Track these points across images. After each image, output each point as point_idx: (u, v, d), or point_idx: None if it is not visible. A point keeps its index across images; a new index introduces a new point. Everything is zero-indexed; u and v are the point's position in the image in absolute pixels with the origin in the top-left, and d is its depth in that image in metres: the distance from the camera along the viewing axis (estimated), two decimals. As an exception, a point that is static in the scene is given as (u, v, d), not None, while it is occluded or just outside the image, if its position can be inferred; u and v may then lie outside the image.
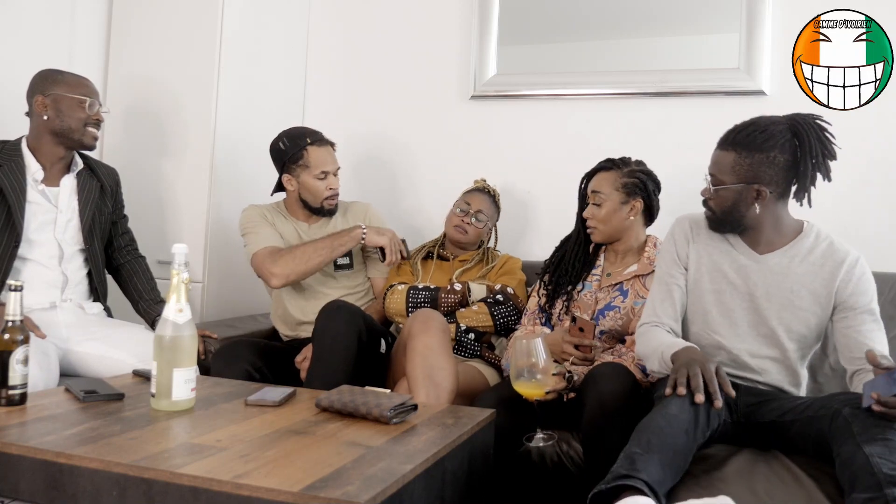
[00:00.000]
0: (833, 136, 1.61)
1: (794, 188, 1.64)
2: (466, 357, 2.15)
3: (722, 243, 1.73)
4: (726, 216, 1.67)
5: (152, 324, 2.11)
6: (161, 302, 2.13)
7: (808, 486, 1.33)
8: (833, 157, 1.61)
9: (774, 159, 1.59)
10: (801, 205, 1.63)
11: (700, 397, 1.39)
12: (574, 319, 1.85)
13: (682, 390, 1.41)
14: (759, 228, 1.67)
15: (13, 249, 1.92)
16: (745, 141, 1.61)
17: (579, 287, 2.04)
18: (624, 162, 2.05)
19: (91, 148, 2.08)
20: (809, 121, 1.61)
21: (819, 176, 1.61)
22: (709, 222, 1.73)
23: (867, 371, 1.52)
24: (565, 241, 2.15)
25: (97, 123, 2.05)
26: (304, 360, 2.07)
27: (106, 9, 2.66)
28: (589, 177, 2.09)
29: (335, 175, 2.30)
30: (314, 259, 2.17)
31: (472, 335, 2.15)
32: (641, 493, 1.22)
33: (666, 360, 1.56)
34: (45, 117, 1.98)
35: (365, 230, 2.24)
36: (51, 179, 2.03)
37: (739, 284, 1.68)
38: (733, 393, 1.43)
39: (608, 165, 2.05)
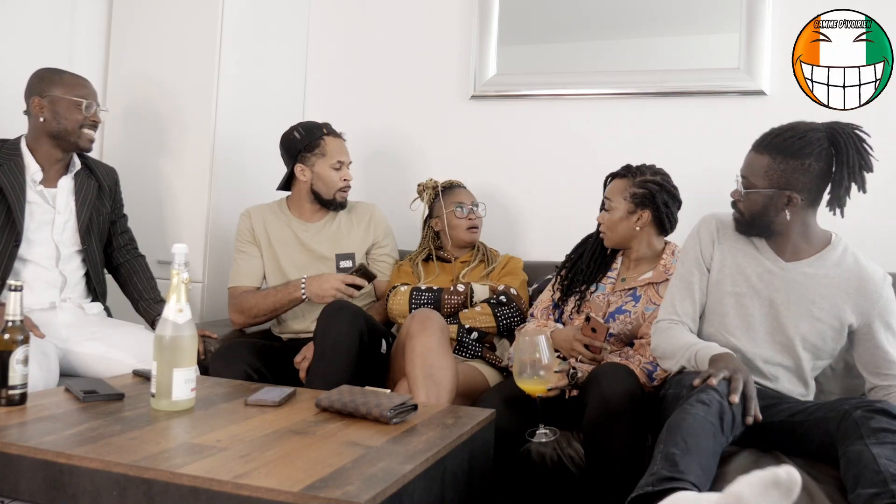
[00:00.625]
0: (871, 148, 1.60)
1: (827, 197, 1.62)
2: (467, 357, 2.15)
3: (748, 247, 1.71)
4: (755, 220, 1.65)
5: (152, 323, 2.10)
6: (161, 301, 2.13)
7: (809, 485, 1.33)
8: (870, 168, 1.59)
9: (809, 167, 1.57)
10: (835, 214, 1.61)
11: (735, 397, 1.38)
12: (588, 319, 1.84)
13: (713, 381, 1.40)
14: (787, 235, 1.66)
15: (13, 249, 1.92)
16: (781, 146, 1.59)
17: (593, 288, 2.03)
18: (640, 171, 2.01)
19: (87, 150, 2.07)
20: (849, 130, 1.59)
21: (854, 187, 1.59)
22: (736, 224, 1.71)
23: (892, 388, 1.62)
24: (586, 240, 2.14)
25: (94, 125, 2.04)
26: (303, 360, 2.07)
27: (106, 9, 2.66)
28: (611, 178, 2.08)
29: (348, 168, 2.30)
30: (260, 317, 2.22)
31: (474, 334, 2.15)
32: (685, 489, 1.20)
33: (700, 360, 1.55)
34: (42, 119, 1.97)
35: (304, 289, 2.14)
36: (49, 180, 2.03)
37: (761, 290, 1.67)
38: (760, 417, 1.43)
39: (623, 173, 2.03)
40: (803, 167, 1.57)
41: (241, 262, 2.29)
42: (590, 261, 2.07)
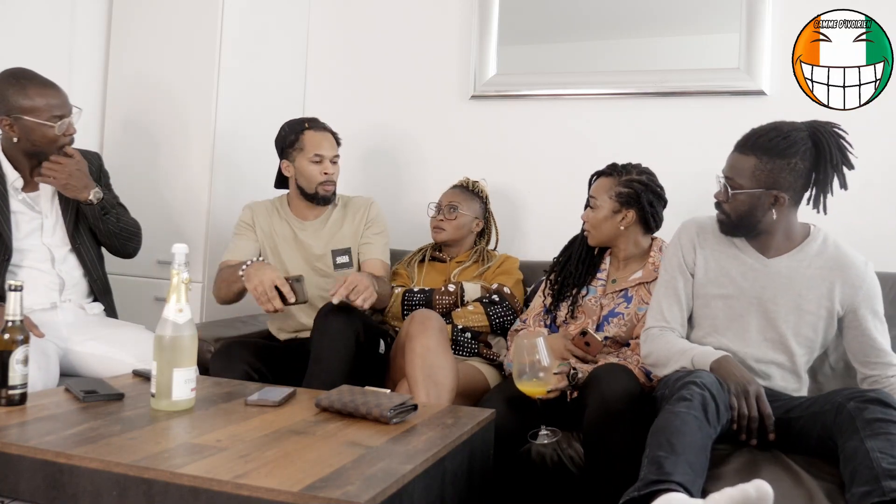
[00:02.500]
0: (850, 145, 1.61)
1: (811, 195, 1.64)
2: (465, 356, 2.15)
3: (729, 248, 1.72)
4: (741, 221, 1.66)
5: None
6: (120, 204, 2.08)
7: (807, 483, 1.33)
8: (850, 165, 1.61)
9: (795, 166, 1.59)
10: (818, 212, 1.63)
11: (755, 442, 1.47)
12: (584, 333, 1.84)
13: (748, 438, 1.49)
14: (772, 233, 1.67)
15: (4, 263, 1.89)
16: (766, 146, 1.60)
17: (584, 291, 2.02)
18: (626, 170, 2.01)
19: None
20: (829, 129, 1.61)
21: (837, 184, 1.61)
22: (721, 226, 1.71)
23: (881, 378, 1.61)
24: (572, 242, 2.13)
25: (70, 137, 1.95)
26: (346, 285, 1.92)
27: (106, 9, 2.66)
28: (596, 176, 2.07)
29: (333, 162, 2.25)
30: (223, 292, 2.16)
31: (468, 334, 2.16)
32: (674, 491, 1.22)
33: (699, 365, 1.57)
34: (15, 140, 1.89)
35: (243, 273, 2.01)
36: (31, 184, 1.97)
37: (747, 288, 1.68)
38: (773, 436, 1.49)
39: (608, 171, 2.03)
40: (789, 167, 1.59)
41: (235, 242, 2.25)
42: (578, 262, 2.06)
